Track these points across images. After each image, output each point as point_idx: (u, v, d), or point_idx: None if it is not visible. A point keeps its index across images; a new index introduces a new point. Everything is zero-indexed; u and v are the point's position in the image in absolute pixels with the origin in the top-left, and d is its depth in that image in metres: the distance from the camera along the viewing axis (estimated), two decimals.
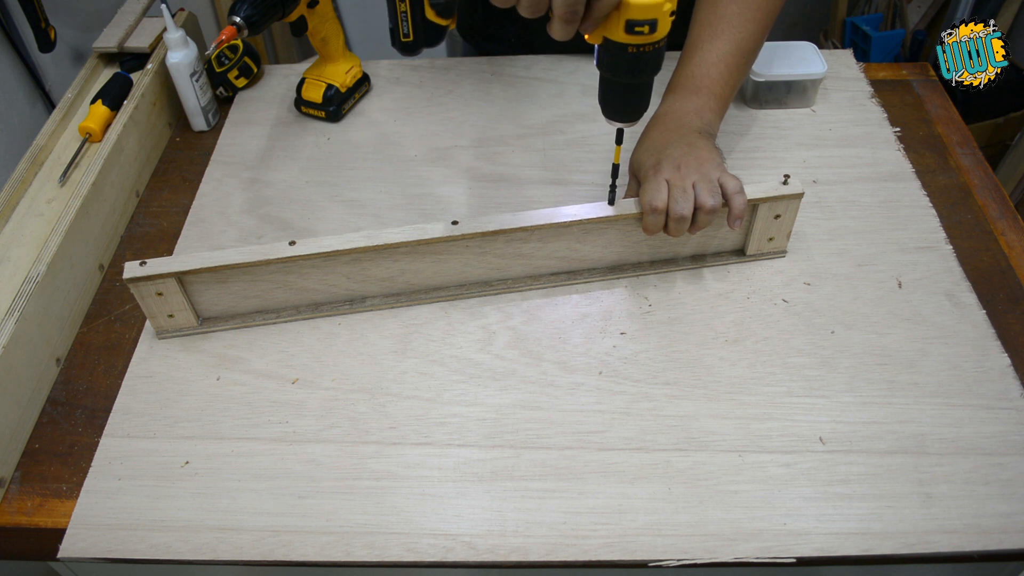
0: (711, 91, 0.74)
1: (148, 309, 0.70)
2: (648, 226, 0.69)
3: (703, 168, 0.68)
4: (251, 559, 0.58)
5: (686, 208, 0.67)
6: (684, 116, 0.73)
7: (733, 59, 0.75)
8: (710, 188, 0.67)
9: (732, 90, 0.76)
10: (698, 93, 0.74)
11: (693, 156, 0.69)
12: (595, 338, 0.71)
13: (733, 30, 0.75)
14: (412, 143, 0.92)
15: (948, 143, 0.89)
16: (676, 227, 0.68)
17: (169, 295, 0.69)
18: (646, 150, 0.72)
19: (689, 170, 0.68)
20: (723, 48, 0.75)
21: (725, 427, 0.64)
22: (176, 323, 0.71)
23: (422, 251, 0.71)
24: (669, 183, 0.68)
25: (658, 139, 0.72)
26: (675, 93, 0.75)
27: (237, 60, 0.97)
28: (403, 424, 0.65)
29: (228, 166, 0.90)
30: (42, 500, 0.63)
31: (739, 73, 0.76)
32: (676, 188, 0.67)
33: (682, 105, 0.74)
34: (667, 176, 0.68)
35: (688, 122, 0.72)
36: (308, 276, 0.71)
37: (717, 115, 0.75)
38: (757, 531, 0.58)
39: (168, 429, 0.66)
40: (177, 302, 0.70)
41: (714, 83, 0.75)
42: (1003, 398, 0.65)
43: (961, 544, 0.57)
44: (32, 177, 0.82)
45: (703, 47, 0.76)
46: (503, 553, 0.58)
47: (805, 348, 0.69)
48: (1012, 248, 0.77)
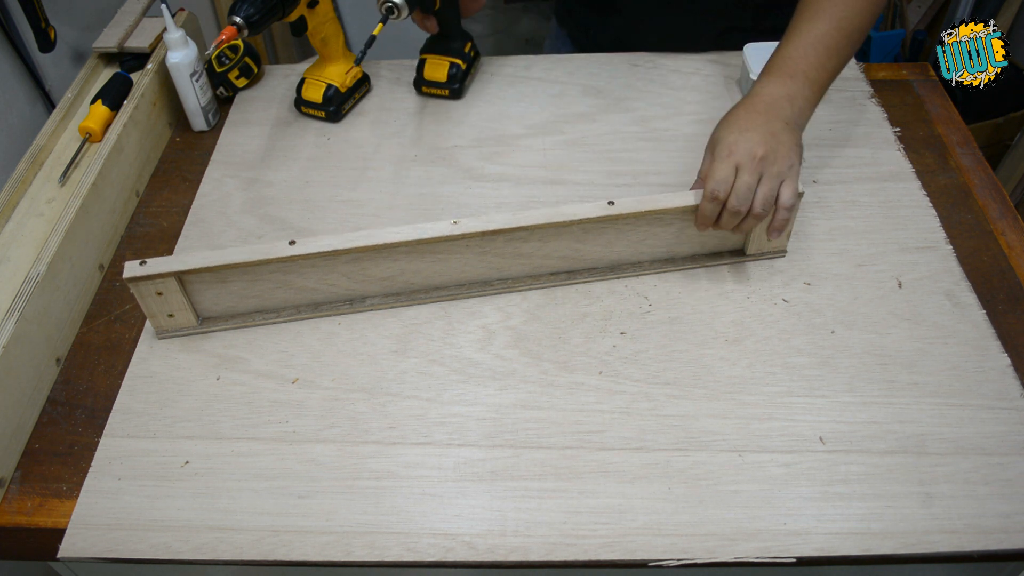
0: (807, 76, 0.71)
1: (148, 309, 0.70)
2: (703, 212, 0.68)
3: (775, 167, 0.66)
4: (251, 559, 0.58)
5: (743, 204, 0.66)
6: (776, 102, 0.70)
7: (833, 40, 0.72)
8: (768, 195, 0.66)
9: (831, 75, 0.73)
10: (794, 78, 0.71)
11: (772, 149, 0.66)
12: (595, 338, 0.70)
13: (835, 9, 0.72)
14: (412, 143, 0.92)
15: (948, 143, 0.89)
16: (728, 219, 0.67)
17: (169, 294, 0.69)
18: (728, 128, 0.69)
19: (764, 164, 0.66)
20: (822, 28, 0.71)
21: (725, 427, 0.64)
22: (176, 323, 0.71)
23: (422, 251, 0.71)
24: (738, 170, 0.66)
25: (743, 120, 0.69)
26: (770, 75, 0.72)
27: (238, 60, 0.97)
28: (403, 424, 0.65)
29: (228, 166, 0.91)
30: (42, 500, 0.63)
31: (839, 56, 0.73)
32: (742, 181, 0.66)
33: (775, 89, 0.70)
34: (738, 161, 0.66)
35: (779, 109, 0.69)
36: (308, 276, 0.71)
37: (810, 103, 0.72)
38: (757, 531, 0.58)
39: (168, 429, 0.66)
40: (177, 302, 0.70)
41: (811, 67, 0.71)
42: (1003, 398, 0.65)
43: (961, 544, 0.57)
44: (32, 177, 0.82)
45: (802, 27, 0.72)
46: (503, 553, 0.58)
47: (805, 348, 0.69)
48: (1012, 248, 0.77)
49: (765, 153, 0.66)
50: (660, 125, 0.92)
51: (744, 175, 0.66)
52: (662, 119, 0.93)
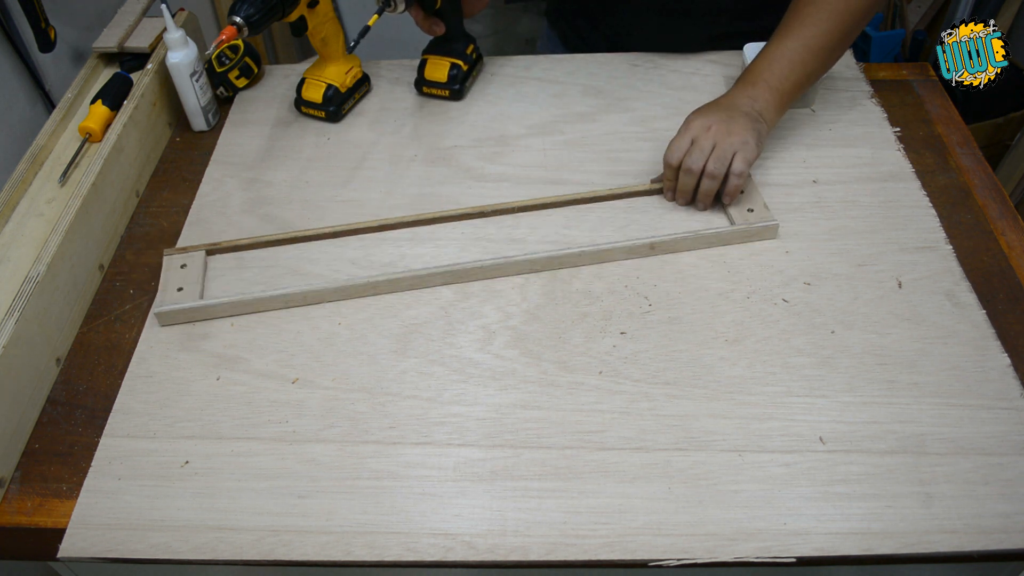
0: (768, 84, 0.78)
1: (164, 280, 0.75)
2: (665, 179, 0.78)
3: (729, 139, 0.74)
4: (251, 559, 0.58)
5: (696, 163, 0.75)
6: (736, 99, 0.78)
7: (798, 56, 0.78)
8: (720, 156, 0.74)
9: (795, 87, 0.79)
10: (755, 85, 0.78)
11: (725, 125, 0.74)
12: (595, 338, 0.71)
13: (803, 28, 0.78)
14: (412, 143, 0.92)
15: (948, 143, 0.89)
16: (684, 179, 0.76)
17: (191, 268, 0.76)
18: (691, 114, 0.78)
19: (717, 135, 0.74)
20: (789, 45, 0.78)
21: (725, 427, 0.64)
22: (182, 296, 0.74)
23: (422, 237, 0.78)
24: (694, 141, 0.75)
25: (704, 109, 0.78)
26: (736, 85, 0.80)
27: (238, 60, 0.97)
28: (403, 424, 0.65)
29: (228, 166, 0.91)
30: (42, 500, 0.63)
31: (804, 70, 0.79)
32: (696, 146, 0.75)
33: (737, 92, 0.79)
34: (694, 135, 0.75)
35: (738, 103, 0.77)
36: (317, 262, 0.77)
37: (772, 106, 0.78)
38: (757, 531, 0.58)
39: (168, 429, 0.66)
40: (193, 276, 0.75)
41: (774, 77, 0.78)
42: (1003, 398, 0.65)
43: (961, 544, 0.57)
44: (32, 177, 0.82)
45: (771, 45, 0.80)
46: (503, 553, 0.58)
47: (805, 348, 0.69)
48: (1012, 248, 0.77)
49: (719, 128, 0.75)
50: (660, 125, 0.92)
51: (699, 142, 0.75)
52: (662, 119, 0.93)
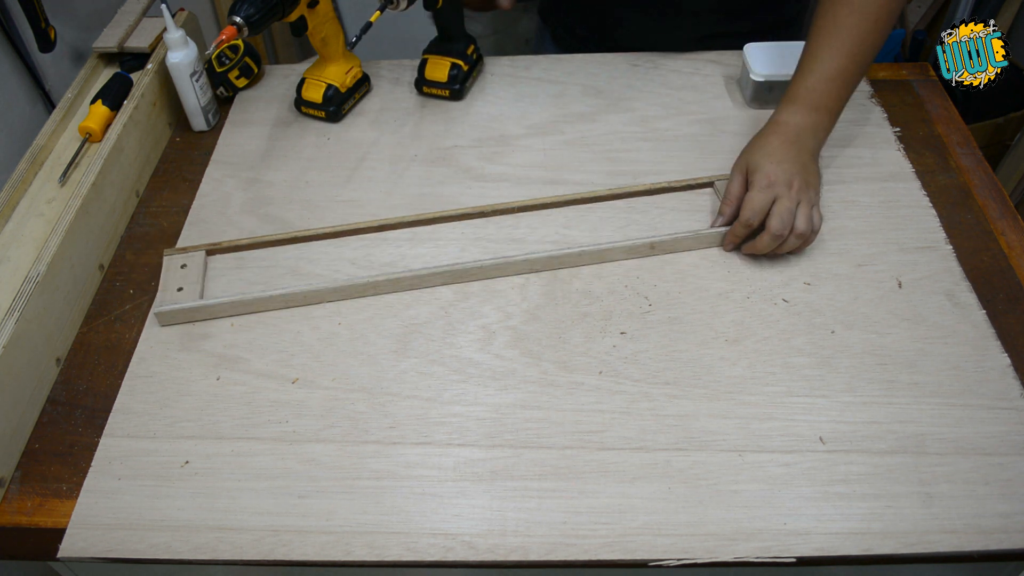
0: (828, 109, 0.77)
1: (164, 281, 0.75)
2: (735, 234, 0.75)
3: (808, 194, 0.73)
4: (251, 559, 0.58)
5: (784, 229, 0.71)
6: (803, 133, 0.76)
7: (851, 74, 0.77)
8: (808, 214, 0.72)
9: (844, 104, 0.79)
10: (818, 111, 0.77)
11: (805, 180, 0.73)
12: (595, 338, 0.71)
13: (852, 41, 0.76)
14: (412, 143, 0.92)
15: (948, 143, 0.89)
16: (769, 243, 0.72)
17: (191, 268, 0.76)
18: (764, 156, 0.74)
19: (800, 192, 0.72)
20: (841, 63, 0.76)
21: (725, 427, 0.64)
22: (182, 296, 0.74)
23: (422, 237, 0.77)
24: (776, 199, 0.72)
25: (778, 151, 0.75)
26: (796, 106, 0.77)
27: (238, 60, 0.97)
28: (403, 424, 0.65)
29: (228, 166, 0.91)
30: (42, 500, 0.63)
31: (854, 86, 0.78)
32: (783, 207, 0.72)
33: (803, 120, 0.76)
34: (777, 193, 0.72)
35: (806, 140, 0.76)
36: (317, 262, 0.77)
37: (828, 133, 0.79)
38: (757, 531, 0.58)
39: (168, 429, 0.66)
40: (193, 276, 0.75)
41: (832, 100, 0.77)
42: (1003, 398, 0.65)
43: (961, 544, 0.57)
44: (32, 177, 0.82)
45: (823, 59, 0.77)
46: (503, 553, 0.58)
47: (805, 348, 0.69)
48: (1012, 248, 0.77)
49: (800, 184, 0.73)
50: (660, 125, 0.92)
51: (784, 201, 0.72)
52: (662, 119, 0.93)
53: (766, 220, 0.72)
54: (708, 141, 0.90)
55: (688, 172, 0.86)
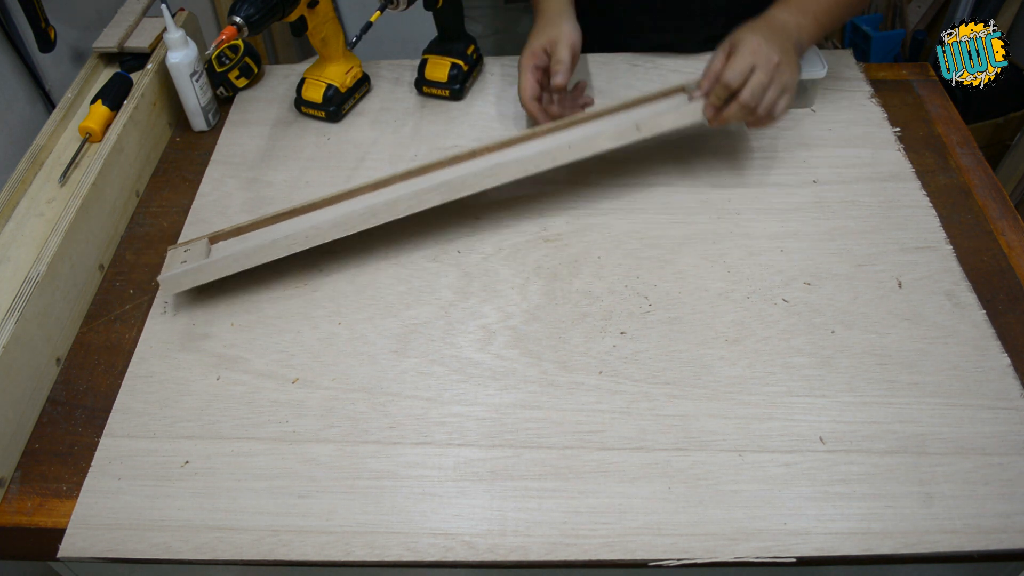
0: (816, 17, 0.80)
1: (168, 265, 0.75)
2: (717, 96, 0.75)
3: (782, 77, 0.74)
4: (251, 559, 0.58)
5: (755, 99, 0.73)
6: (788, 26, 0.78)
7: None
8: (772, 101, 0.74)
9: (834, 23, 0.81)
10: (804, 14, 0.79)
11: (784, 62, 0.74)
12: (595, 338, 0.71)
13: None
14: (412, 143, 0.92)
15: (948, 143, 0.89)
16: (736, 111, 0.75)
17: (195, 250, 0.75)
18: (750, 30, 0.76)
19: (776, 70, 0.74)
20: None
21: (725, 427, 0.64)
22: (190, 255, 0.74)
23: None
24: (754, 69, 0.73)
25: (763, 30, 0.77)
26: (786, 6, 0.80)
27: (238, 60, 0.97)
28: (403, 424, 0.65)
29: (228, 166, 0.91)
30: (42, 500, 0.63)
31: (846, 9, 0.82)
32: (757, 79, 0.73)
33: (789, 18, 0.79)
34: (756, 62, 0.73)
35: (790, 33, 0.78)
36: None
37: (812, 39, 0.81)
38: (757, 531, 0.58)
39: (168, 429, 0.66)
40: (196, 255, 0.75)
41: (821, 11, 0.80)
42: (1003, 398, 0.65)
43: (961, 544, 0.57)
44: (32, 177, 0.82)
45: None
46: (503, 553, 0.58)
47: (805, 348, 0.69)
48: (1012, 248, 0.77)
49: (779, 62, 0.74)
50: None
51: (760, 74, 0.73)
52: None
53: (739, 90, 0.74)
54: (708, 141, 0.89)
55: (687, 172, 0.86)
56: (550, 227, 0.81)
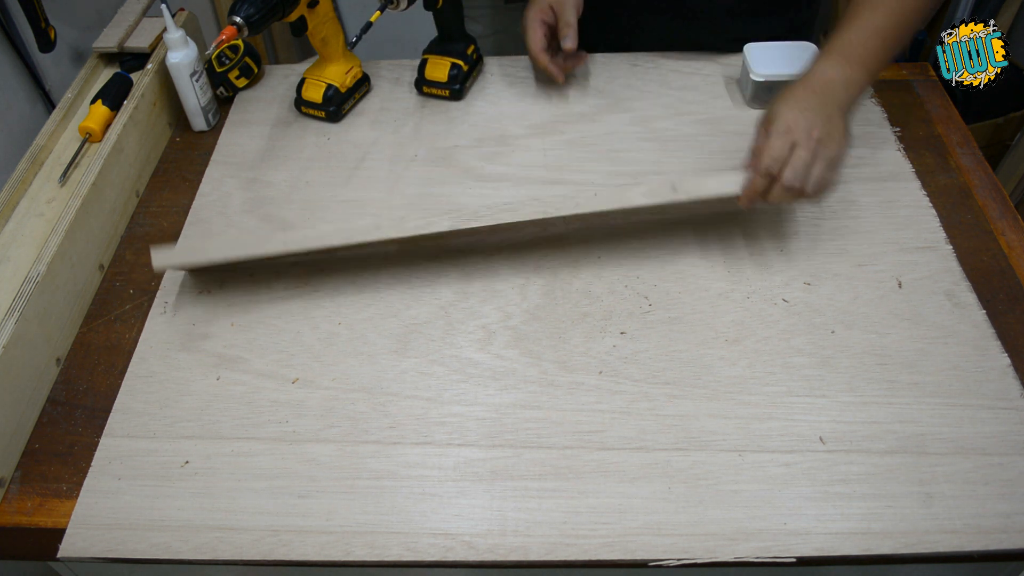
0: (865, 64, 0.73)
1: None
2: (755, 187, 0.69)
3: (829, 150, 0.68)
4: (251, 559, 0.58)
5: (798, 181, 0.67)
6: (833, 85, 0.72)
7: (892, 33, 0.74)
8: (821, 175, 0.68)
9: (883, 65, 0.75)
10: (852, 64, 0.73)
11: (827, 128, 0.69)
12: (595, 338, 0.70)
13: (894, 2, 0.74)
14: (412, 143, 0.92)
15: (948, 143, 0.89)
16: (779, 194, 0.69)
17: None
18: (787, 104, 0.71)
19: (819, 144, 0.68)
20: (882, 21, 0.73)
21: (725, 427, 0.64)
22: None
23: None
24: (794, 147, 0.68)
25: (803, 99, 0.71)
26: (830, 58, 0.74)
27: (238, 60, 0.97)
28: (403, 424, 0.65)
29: (228, 166, 0.90)
30: (42, 500, 0.63)
31: (893, 48, 0.75)
32: (799, 158, 0.67)
33: (835, 73, 0.72)
34: (795, 139, 0.68)
35: (835, 93, 0.72)
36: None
37: (863, 91, 0.75)
38: (757, 531, 0.58)
39: (168, 429, 0.66)
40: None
41: (870, 56, 0.73)
42: (1003, 398, 0.65)
43: (961, 544, 0.57)
44: (32, 177, 0.82)
45: (863, 16, 0.74)
46: (503, 553, 0.58)
47: (805, 348, 0.69)
48: (1012, 248, 0.77)
49: (821, 135, 0.68)
50: (660, 125, 0.92)
51: (801, 151, 0.67)
52: (662, 119, 0.93)
53: (781, 170, 0.68)
54: (708, 141, 0.89)
55: (688, 172, 0.86)
56: (550, 227, 0.81)
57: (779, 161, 0.68)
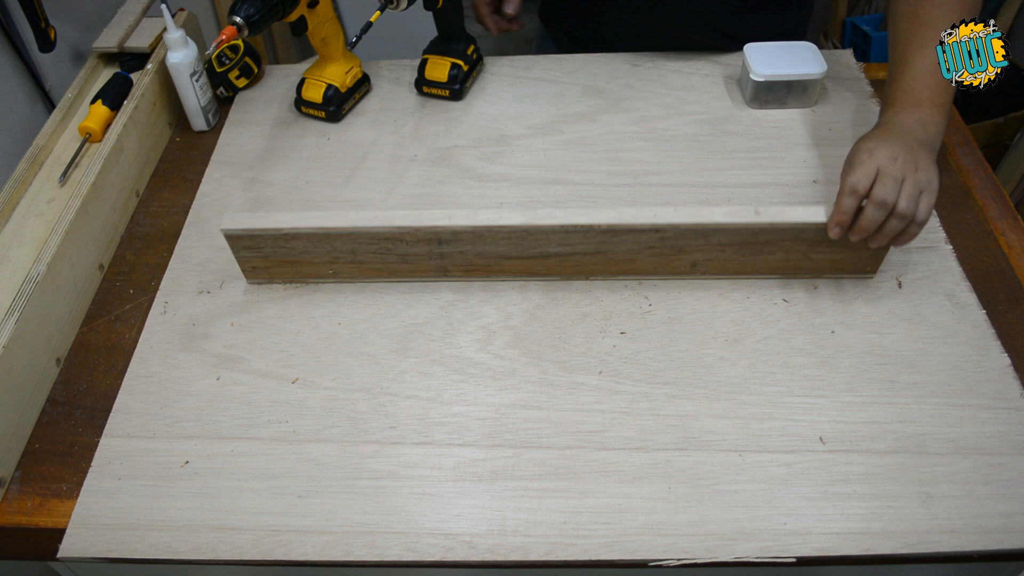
0: (932, 102, 0.71)
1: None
2: (842, 207, 0.66)
3: (917, 175, 0.65)
4: (251, 559, 0.58)
5: (891, 196, 0.64)
6: (908, 126, 0.70)
7: None
8: (911, 195, 0.64)
9: (950, 98, 0.73)
10: (920, 106, 0.71)
11: (911, 157, 0.66)
12: (595, 338, 0.71)
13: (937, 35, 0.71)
14: (412, 143, 0.92)
15: (948, 143, 0.89)
16: (872, 213, 0.64)
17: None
18: (866, 140, 0.69)
19: (906, 168, 0.65)
20: (934, 57, 0.71)
21: (725, 427, 0.64)
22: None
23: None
24: (880, 170, 0.65)
25: (879, 136, 0.69)
26: (895, 106, 0.72)
27: (238, 60, 0.97)
28: (403, 424, 0.65)
29: (228, 166, 0.91)
30: (42, 500, 0.63)
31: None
32: (886, 175, 0.64)
33: (905, 117, 0.71)
34: (880, 164, 0.65)
35: (912, 132, 0.69)
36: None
37: (940, 128, 0.71)
38: (757, 531, 0.58)
39: (168, 429, 0.66)
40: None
41: (934, 94, 0.71)
42: (1003, 398, 0.65)
43: (961, 544, 0.57)
44: (32, 177, 0.82)
45: (914, 60, 0.73)
46: (503, 553, 0.58)
47: (805, 348, 0.69)
48: (1012, 248, 0.77)
49: (906, 160, 0.65)
50: (660, 125, 0.92)
51: (888, 171, 0.65)
52: (662, 119, 0.93)
53: (870, 190, 0.65)
54: (708, 141, 0.90)
55: (688, 172, 0.86)
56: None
57: (866, 178, 0.65)
